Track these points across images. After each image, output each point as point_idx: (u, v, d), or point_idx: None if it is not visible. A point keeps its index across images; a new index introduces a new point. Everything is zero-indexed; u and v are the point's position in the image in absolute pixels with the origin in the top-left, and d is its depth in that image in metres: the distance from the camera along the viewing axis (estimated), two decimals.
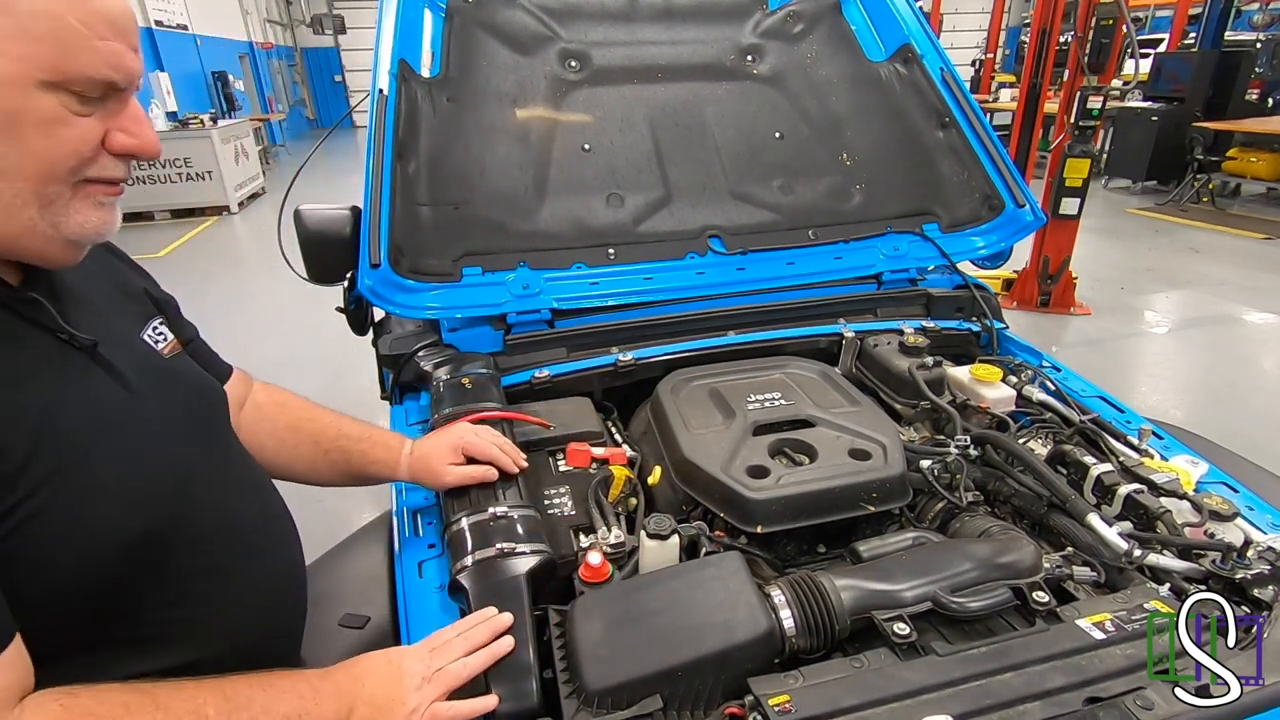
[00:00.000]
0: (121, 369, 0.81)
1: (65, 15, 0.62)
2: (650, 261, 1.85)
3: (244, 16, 14.46)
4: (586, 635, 0.92)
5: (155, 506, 0.78)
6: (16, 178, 0.63)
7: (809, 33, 2.11)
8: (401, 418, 1.61)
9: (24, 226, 0.66)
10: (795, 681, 0.87)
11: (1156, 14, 13.12)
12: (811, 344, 1.81)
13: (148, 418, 0.82)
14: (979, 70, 14.43)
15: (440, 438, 1.25)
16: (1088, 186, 5.29)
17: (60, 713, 0.63)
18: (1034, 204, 2.02)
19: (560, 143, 1.89)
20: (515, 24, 1.91)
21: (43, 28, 0.61)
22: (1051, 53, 5.72)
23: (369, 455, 1.22)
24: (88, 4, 0.64)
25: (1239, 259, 6.90)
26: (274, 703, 0.73)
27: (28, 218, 0.65)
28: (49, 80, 0.62)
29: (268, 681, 0.74)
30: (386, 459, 1.22)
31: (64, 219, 0.68)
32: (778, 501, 1.18)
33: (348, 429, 1.22)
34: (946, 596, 0.97)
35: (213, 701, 0.68)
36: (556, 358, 1.71)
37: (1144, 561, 1.11)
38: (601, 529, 1.20)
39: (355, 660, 0.87)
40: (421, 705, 0.83)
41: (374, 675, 0.84)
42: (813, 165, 2.03)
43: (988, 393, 1.58)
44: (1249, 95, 9.95)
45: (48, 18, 0.61)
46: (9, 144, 0.62)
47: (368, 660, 0.87)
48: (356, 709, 0.81)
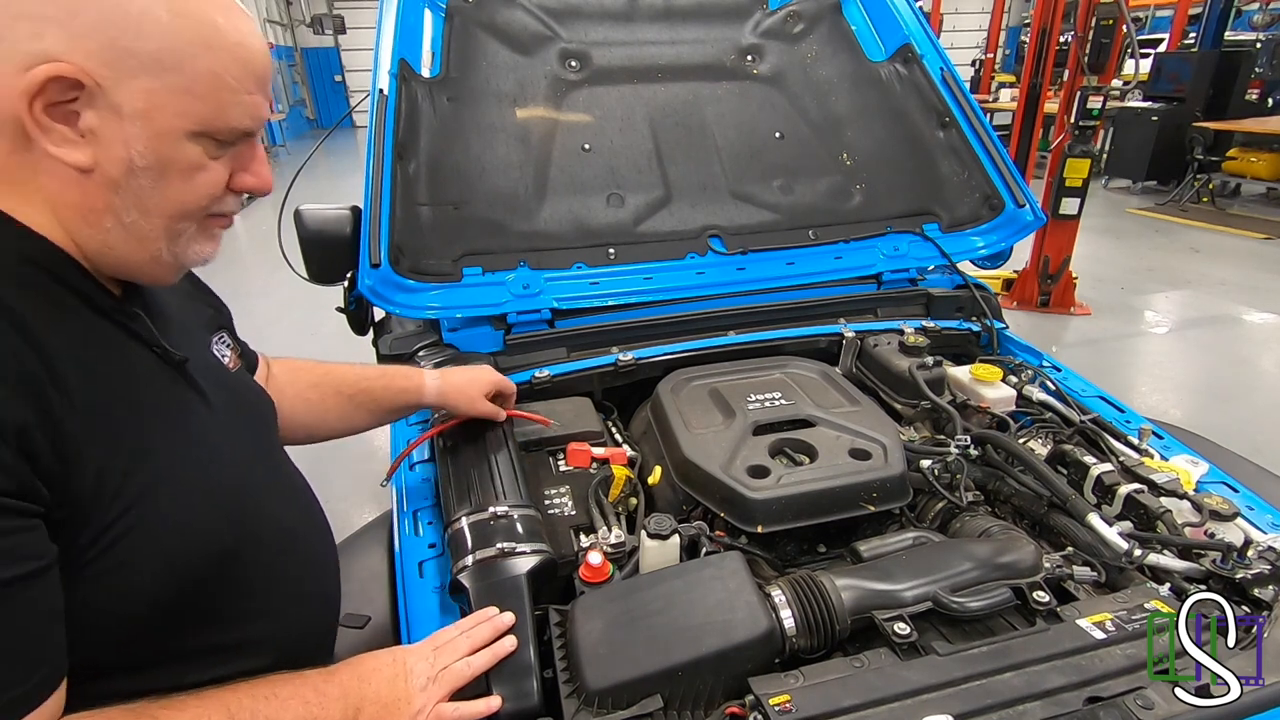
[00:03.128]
0: (203, 385, 0.83)
1: (224, 75, 0.67)
2: (650, 261, 1.85)
3: None
4: (587, 635, 0.92)
5: (231, 523, 0.80)
6: (155, 215, 0.69)
7: (809, 33, 2.11)
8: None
9: (150, 256, 0.71)
10: (796, 681, 0.87)
11: (1156, 14, 13.10)
12: (812, 344, 1.81)
13: (224, 434, 0.84)
14: (979, 70, 14.42)
15: (475, 371, 1.35)
16: (1088, 186, 5.29)
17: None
18: (1034, 204, 2.02)
19: (560, 143, 1.89)
20: (515, 24, 1.91)
21: (204, 86, 0.66)
22: (1051, 53, 5.72)
23: (392, 387, 1.26)
24: (245, 64, 0.69)
25: (1239, 259, 6.90)
26: (279, 713, 0.73)
27: (157, 249, 0.71)
28: (197, 131, 0.67)
29: (270, 690, 0.73)
30: (409, 386, 1.27)
31: (185, 250, 0.74)
32: (778, 501, 1.18)
33: (363, 371, 1.27)
34: (947, 596, 0.98)
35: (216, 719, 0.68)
36: (557, 358, 1.71)
37: (1144, 561, 1.11)
38: (602, 529, 1.20)
39: (359, 659, 0.86)
40: (427, 705, 0.83)
41: (379, 675, 0.84)
42: (813, 165, 2.04)
43: (988, 393, 1.58)
44: (1249, 95, 9.95)
45: (210, 77, 0.66)
46: (154, 186, 0.67)
47: (372, 659, 0.86)
48: (363, 709, 0.80)
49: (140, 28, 0.62)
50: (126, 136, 0.64)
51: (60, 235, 0.67)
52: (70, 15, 0.60)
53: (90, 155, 0.64)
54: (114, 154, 0.64)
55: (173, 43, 0.64)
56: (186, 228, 0.72)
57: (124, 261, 0.71)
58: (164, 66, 0.64)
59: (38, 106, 0.60)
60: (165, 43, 0.63)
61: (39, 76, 0.59)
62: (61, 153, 0.63)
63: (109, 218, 0.67)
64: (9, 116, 0.61)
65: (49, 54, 0.59)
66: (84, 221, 0.67)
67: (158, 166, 0.66)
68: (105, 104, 0.62)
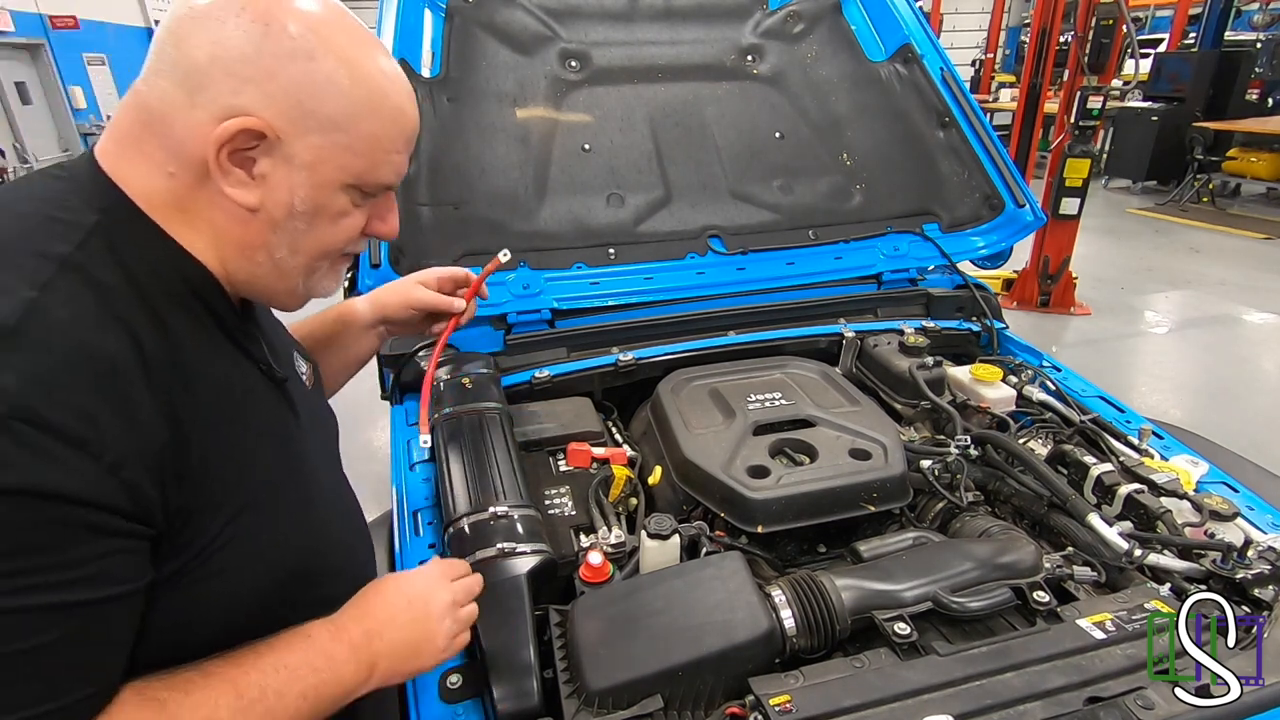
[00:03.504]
0: (297, 404, 0.86)
1: (382, 137, 0.74)
2: (650, 261, 1.85)
3: None
4: (587, 635, 0.92)
5: (314, 540, 0.83)
6: (301, 253, 0.75)
7: (809, 33, 2.11)
8: (402, 418, 1.60)
9: (288, 288, 0.78)
10: (796, 681, 0.87)
11: (1156, 14, 13.10)
12: (812, 344, 1.81)
13: (310, 453, 0.86)
14: (979, 70, 14.42)
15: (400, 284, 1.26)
16: (1088, 186, 5.29)
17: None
18: (1034, 204, 2.02)
19: (560, 143, 1.89)
20: (515, 24, 1.91)
21: (364, 145, 0.73)
22: (1051, 53, 5.73)
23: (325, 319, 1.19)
24: (400, 128, 0.76)
25: (1239, 259, 6.90)
26: (289, 684, 0.71)
27: (295, 282, 0.78)
28: (351, 183, 0.74)
29: (278, 661, 0.72)
30: (341, 311, 1.21)
31: (316, 284, 0.81)
32: (778, 501, 1.18)
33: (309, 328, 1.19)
34: (947, 596, 0.98)
35: (225, 703, 0.66)
36: (557, 358, 1.71)
37: (1144, 561, 1.11)
38: (602, 529, 1.20)
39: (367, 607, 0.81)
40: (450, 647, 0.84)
41: (393, 624, 0.81)
42: (813, 165, 2.04)
43: (988, 393, 1.58)
44: (1249, 95, 9.95)
45: (370, 138, 0.73)
46: (306, 228, 0.74)
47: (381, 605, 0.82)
48: (378, 665, 0.78)
49: (323, 92, 0.69)
50: (292, 184, 0.71)
51: (214, 261, 0.72)
52: (268, 77, 0.66)
53: (258, 197, 0.70)
54: (278, 198, 0.71)
55: (346, 106, 0.70)
56: (322, 265, 0.79)
57: (264, 290, 0.77)
58: (335, 126, 0.70)
59: (224, 152, 0.67)
60: (340, 106, 0.70)
61: (233, 128, 0.65)
62: (235, 193, 0.69)
63: (262, 253, 0.73)
64: (197, 156, 0.67)
65: (244, 108, 0.66)
66: (239, 253, 0.73)
67: (313, 211, 0.73)
68: (280, 154, 0.69)
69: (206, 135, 0.66)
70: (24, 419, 0.54)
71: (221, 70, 0.65)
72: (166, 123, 0.67)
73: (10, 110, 7.50)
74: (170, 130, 0.67)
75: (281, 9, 0.67)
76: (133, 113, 0.69)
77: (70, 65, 8.46)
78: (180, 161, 0.68)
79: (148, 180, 0.68)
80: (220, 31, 0.65)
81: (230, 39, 0.65)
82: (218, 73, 0.65)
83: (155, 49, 0.68)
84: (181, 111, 0.66)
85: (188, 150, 0.67)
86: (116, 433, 0.58)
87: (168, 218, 0.69)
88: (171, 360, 0.65)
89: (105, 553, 0.58)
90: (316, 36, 0.68)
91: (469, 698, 0.92)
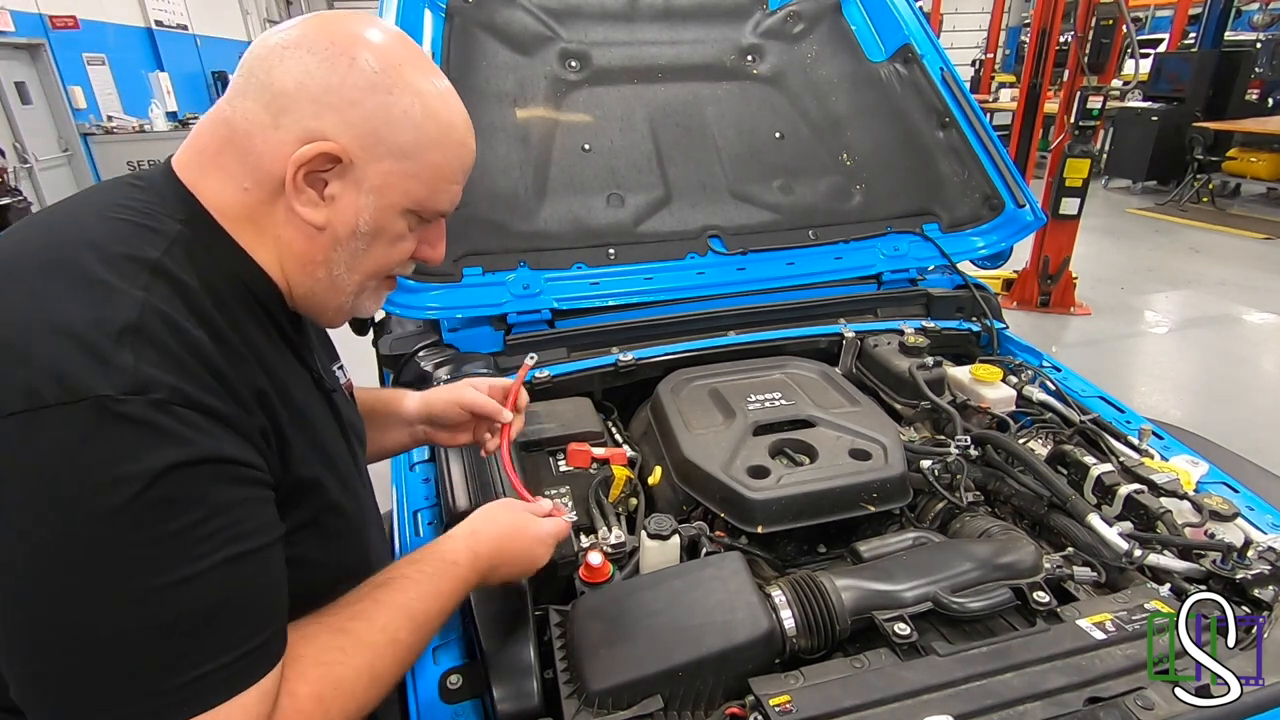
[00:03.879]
0: (342, 414, 0.89)
1: (445, 167, 0.79)
2: (650, 261, 1.85)
3: (244, 16, 14.44)
4: (587, 635, 0.93)
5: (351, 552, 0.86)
6: (357, 271, 0.80)
7: (809, 33, 2.11)
8: None
9: (339, 304, 0.82)
10: (796, 682, 0.87)
11: (1156, 14, 13.11)
12: (812, 344, 1.81)
13: (350, 460, 0.89)
14: (979, 70, 14.42)
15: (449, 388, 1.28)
16: (1088, 186, 5.29)
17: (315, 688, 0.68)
18: (1034, 204, 2.02)
19: (560, 143, 1.89)
20: (515, 24, 1.91)
21: (428, 174, 0.77)
22: (1051, 53, 5.72)
23: (382, 398, 1.20)
24: (461, 161, 0.82)
25: (1239, 259, 6.90)
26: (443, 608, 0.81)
27: (346, 299, 0.82)
28: (410, 209, 0.78)
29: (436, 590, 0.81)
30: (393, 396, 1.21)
31: (363, 302, 0.85)
32: (778, 501, 1.18)
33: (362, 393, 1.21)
34: (947, 597, 0.98)
35: (403, 625, 0.76)
36: (557, 358, 1.71)
37: (1144, 561, 1.11)
38: (602, 529, 1.21)
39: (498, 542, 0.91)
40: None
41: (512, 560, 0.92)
42: (813, 165, 2.03)
43: (988, 393, 1.58)
44: (1249, 95, 9.95)
45: (434, 168, 0.77)
46: (365, 248, 0.78)
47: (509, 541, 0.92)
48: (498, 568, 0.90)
49: (398, 122, 0.73)
50: (359, 206, 0.75)
51: (277, 273, 0.77)
52: (349, 106, 0.71)
53: (326, 216, 0.74)
54: (345, 218, 0.75)
55: (416, 137, 0.75)
56: (371, 284, 0.83)
57: (317, 304, 0.81)
58: (405, 154, 0.75)
59: (301, 173, 0.71)
60: (411, 136, 0.75)
61: (313, 151, 0.70)
62: (305, 212, 0.73)
63: (323, 269, 0.78)
64: (274, 174, 0.72)
65: (324, 133, 0.71)
66: (300, 267, 0.77)
67: (374, 233, 0.77)
68: (351, 178, 0.74)
69: (287, 156, 0.70)
70: (179, 402, 0.60)
71: (307, 97, 0.70)
72: (249, 141, 0.71)
73: (10, 110, 7.48)
74: (251, 148, 0.71)
75: (365, 45, 0.73)
76: (216, 129, 0.73)
77: (70, 65, 8.45)
78: (257, 178, 0.72)
79: (222, 193, 0.73)
80: (308, 62, 0.71)
81: (317, 69, 0.71)
82: (303, 99, 0.70)
83: (243, 73, 0.73)
84: (264, 132, 0.71)
85: (266, 168, 0.72)
86: (236, 413, 0.65)
87: (238, 229, 0.74)
88: (253, 356, 0.71)
89: (264, 501, 0.67)
90: (395, 72, 0.73)
91: (469, 698, 0.93)
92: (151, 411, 0.58)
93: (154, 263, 0.66)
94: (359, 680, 0.71)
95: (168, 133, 8.75)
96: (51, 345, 0.58)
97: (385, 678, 0.74)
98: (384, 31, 0.76)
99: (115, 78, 9.30)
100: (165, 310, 0.63)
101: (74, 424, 0.56)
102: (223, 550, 0.61)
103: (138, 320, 0.61)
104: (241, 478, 0.64)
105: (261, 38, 0.75)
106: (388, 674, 0.74)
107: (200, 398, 0.62)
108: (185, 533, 0.59)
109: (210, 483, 0.61)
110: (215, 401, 0.63)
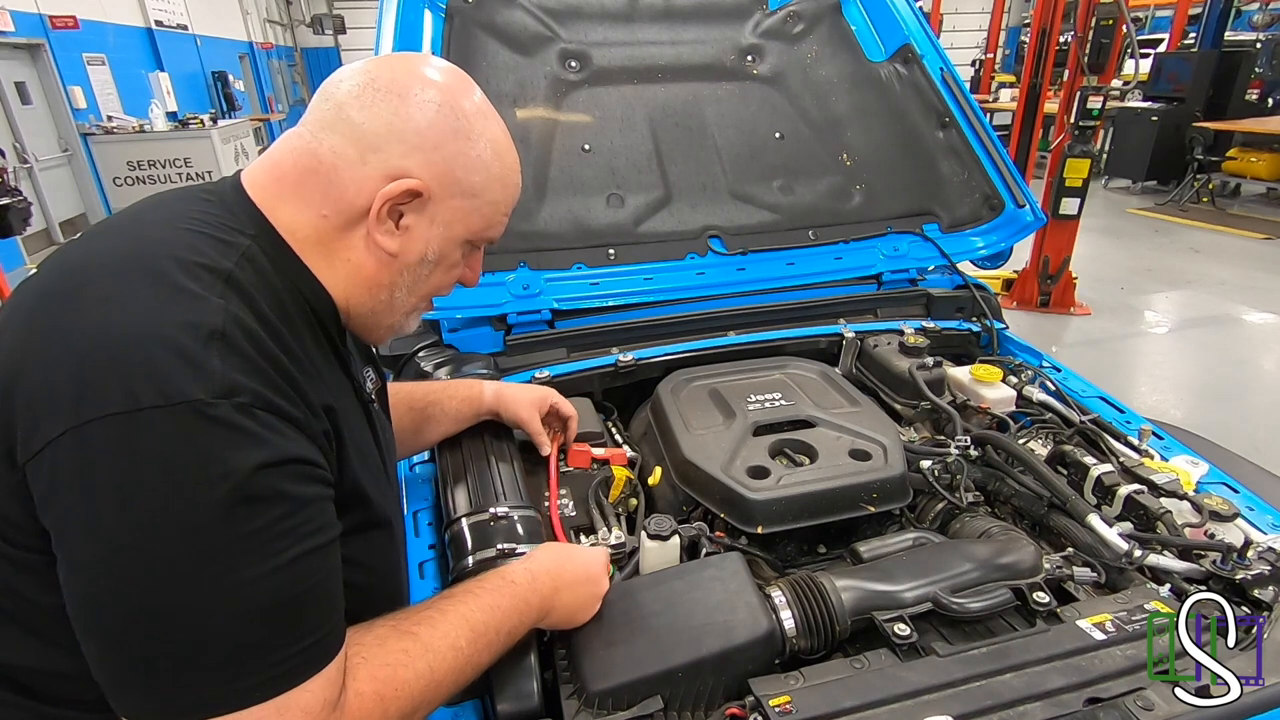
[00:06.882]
0: (376, 424, 0.93)
1: (501, 204, 0.87)
2: (650, 262, 1.85)
3: (244, 16, 14.43)
4: (587, 636, 0.93)
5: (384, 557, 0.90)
6: (415, 294, 0.87)
7: (809, 33, 2.11)
8: None
9: (390, 323, 0.89)
10: (796, 682, 0.87)
11: (1156, 14, 13.12)
12: (812, 344, 1.81)
13: (382, 469, 0.92)
14: (979, 70, 14.43)
15: (529, 389, 1.38)
16: (1088, 186, 5.29)
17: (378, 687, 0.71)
18: (1034, 204, 2.02)
19: (560, 143, 1.89)
20: (515, 24, 1.91)
21: (488, 210, 0.85)
22: (1051, 53, 5.73)
23: (458, 396, 1.32)
24: (513, 198, 0.89)
25: (1239, 259, 6.91)
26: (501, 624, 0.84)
27: (400, 319, 0.89)
28: (469, 239, 0.86)
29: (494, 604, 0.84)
30: (471, 394, 1.34)
31: (409, 322, 0.91)
32: (778, 502, 1.18)
33: (428, 386, 1.34)
34: (947, 597, 0.98)
35: (463, 634, 0.79)
36: (557, 358, 1.71)
37: (1144, 562, 1.11)
38: (602, 529, 1.21)
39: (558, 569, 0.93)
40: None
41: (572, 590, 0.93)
42: (813, 165, 2.03)
43: (988, 393, 1.58)
44: (1249, 95, 9.95)
45: (493, 205, 0.85)
46: (428, 275, 0.85)
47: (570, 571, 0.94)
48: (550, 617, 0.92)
49: (472, 164, 0.81)
50: (429, 237, 0.82)
51: (339, 293, 0.82)
52: (433, 148, 0.78)
53: (398, 244, 0.80)
54: (415, 247, 0.82)
55: (485, 179, 0.83)
56: (422, 305, 0.90)
57: (373, 322, 0.87)
58: (473, 192, 0.82)
59: (386, 206, 0.77)
60: (481, 177, 0.82)
61: (401, 187, 0.76)
62: (383, 240, 0.79)
63: (386, 291, 0.84)
64: (357, 205, 0.77)
65: (409, 171, 0.77)
66: (367, 289, 0.82)
67: (436, 260, 0.84)
68: (426, 212, 0.80)
69: (373, 190, 0.76)
70: (261, 406, 0.64)
71: (397, 138, 0.76)
72: (334, 174, 0.76)
73: (10, 110, 7.47)
74: (337, 180, 0.76)
75: (451, 94, 0.80)
76: (299, 159, 0.78)
77: (70, 65, 8.43)
78: (338, 207, 0.77)
79: (297, 216, 0.78)
80: (401, 106, 0.76)
81: (409, 113, 0.77)
82: (393, 139, 0.76)
83: (331, 109, 0.77)
84: (352, 168, 0.76)
85: (349, 199, 0.77)
86: (306, 417, 0.69)
87: (306, 250, 0.78)
88: (313, 367, 0.75)
89: (330, 500, 0.71)
90: (472, 119, 0.81)
91: (469, 698, 0.92)
92: (237, 415, 0.62)
93: (228, 273, 0.69)
94: (418, 682, 0.74)
95: (168, 133, 8.74)
96: (145, 349, 0.61)
97: (444, 683, 0.76)
98: (457, 76, 0.83)
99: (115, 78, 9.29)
100: (242, 318, 0.67)
101: (171, 426, 0.59)
102: (300, 544, 0.65)
103: (222, 326, 0.64)
104: (314, 477, 0.68)
105: (342, 75, 0.80)
106: (446, 680, 0.77)
107: (277, 402, 0.66)
108: (269, 528, 0.63)
109: (290, 482, 0.65)
110: (289, 406, 0.67)
